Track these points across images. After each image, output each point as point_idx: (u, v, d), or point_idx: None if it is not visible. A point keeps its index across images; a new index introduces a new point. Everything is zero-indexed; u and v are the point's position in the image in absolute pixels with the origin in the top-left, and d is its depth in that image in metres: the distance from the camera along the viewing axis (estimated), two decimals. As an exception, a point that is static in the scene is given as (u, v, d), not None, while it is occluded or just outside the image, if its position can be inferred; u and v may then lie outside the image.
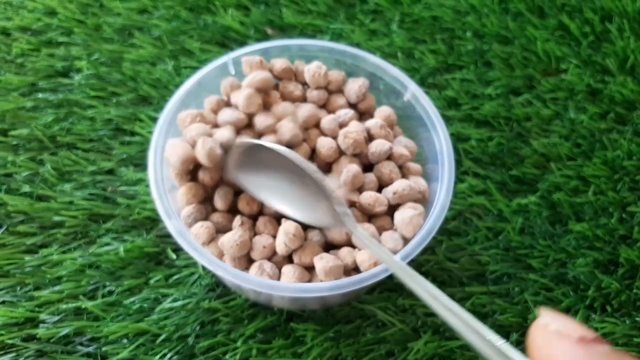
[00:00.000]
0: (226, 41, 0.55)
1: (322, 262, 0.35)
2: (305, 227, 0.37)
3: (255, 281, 0.34)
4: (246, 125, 0.40)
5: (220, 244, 0.35)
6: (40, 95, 0.51)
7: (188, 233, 0.35)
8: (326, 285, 0.34)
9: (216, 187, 0.38)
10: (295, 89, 0.42)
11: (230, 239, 0.35)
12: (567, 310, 0.42)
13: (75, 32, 0.55)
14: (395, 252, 0.36)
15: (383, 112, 0.42)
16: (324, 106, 0.43)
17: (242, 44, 0.55)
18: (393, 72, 0.43)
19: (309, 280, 0.36)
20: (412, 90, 0.43)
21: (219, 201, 0.38)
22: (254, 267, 0.35)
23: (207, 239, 0.36)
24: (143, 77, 0.52)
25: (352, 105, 0.43)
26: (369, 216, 0.38)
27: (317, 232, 0.38)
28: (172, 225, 0.35)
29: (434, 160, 0.41)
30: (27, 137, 0.49)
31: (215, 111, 0.41)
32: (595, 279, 0.43)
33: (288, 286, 0.34)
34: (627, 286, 0.43)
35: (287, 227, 0.35)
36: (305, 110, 0.40)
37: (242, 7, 0.58)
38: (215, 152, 0.36)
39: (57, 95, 0.51)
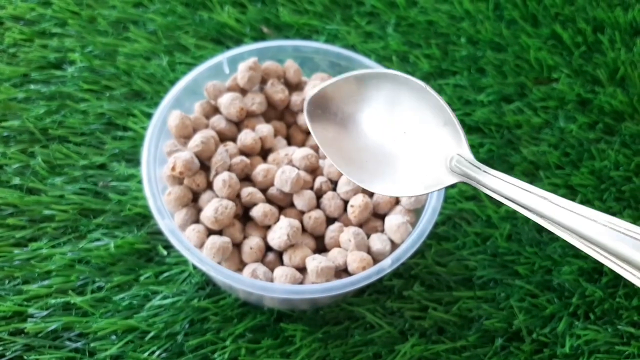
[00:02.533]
0: (222, 38, 0.55)
1: (314, 262, 0.35)
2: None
3: (247, 282, 0.34)
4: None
5: (204, 248, 0.35)
6: (32, 86, 0.51)
7: (180, 233, 0.36)
8: (318, 287, 0.34)
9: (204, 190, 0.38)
10: (281, 92, 0.42)
11: (209, 242, 0.35)
12: (551, 317, 0.43)
13: (70, 24, 0.54)
14: (384, 254, 0.36)
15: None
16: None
17: (237, 41, 0.55)
18: None
19: (302, 282, 0.36)
20: None
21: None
22: (247, 271, 0.35)
23: (197, 242, 0.36)
24: (137, 71, 0.52)
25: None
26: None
27: (306, 234, 0.38)
28: (165, 225, 0.35)
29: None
30: (18, 128, 0.48)
31: (206, 115, 0.42)
32: (580, 287, 0.44)
33: (279, 288, 0.34)
34: (610, 295, 0.43)
35: (292, 220, 0.36)
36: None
37: (239, 4, 0.58)
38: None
39: (50, 87, 0.51)
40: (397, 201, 0.39)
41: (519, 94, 0.54)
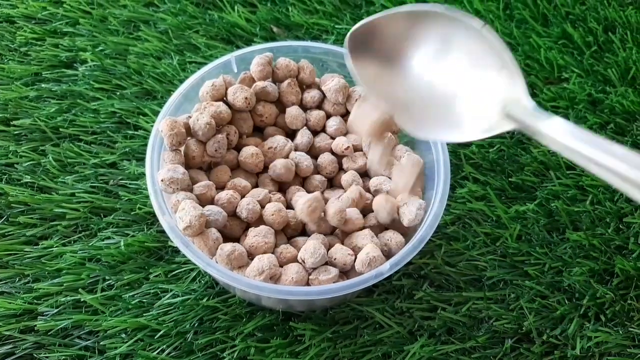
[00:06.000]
0: (232, 38, 0.55)
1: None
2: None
3: (244, 282, 0.34)
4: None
5: (218, 255, 0.36)
6: (43, 85, 0.51)
7: (180, 231, 0.36)
8: (314, 289, 0.34)
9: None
10: (295, 95, 0.43)
11: (224, 250, 0.35)
12: (562, 319, 0.42)
13: (81, 23, 0.55)
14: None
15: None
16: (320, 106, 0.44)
17: (247, 41, 0.55)
18: None
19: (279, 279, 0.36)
20: None
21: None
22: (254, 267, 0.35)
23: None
24: (148, 70, 0.52)
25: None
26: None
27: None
28: (165, 221, 0.36)
29: (430, 166, 0.41)
30: (29, 127, 0.49)
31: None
32: (590, 288, 0.43)
33: (274, 288, 0.34)
34: (621, 296, 0.43)
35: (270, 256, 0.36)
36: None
37: (249, 3, 0.58)
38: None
39: (61, 86, 0.51)
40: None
41: (530, 94, 0.54)
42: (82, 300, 0.41)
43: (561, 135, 0.24)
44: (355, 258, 0.36)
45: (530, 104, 0.26)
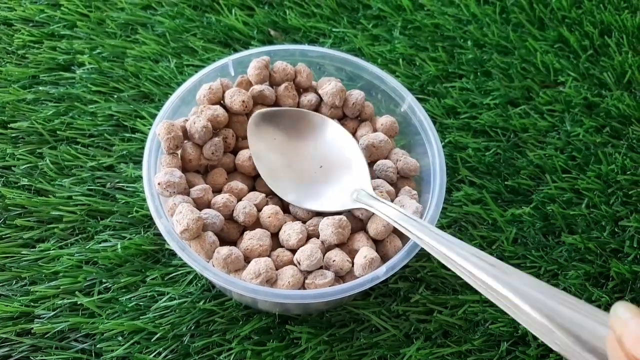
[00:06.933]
0: (229, 41, 0.55)
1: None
2: None
3: (240, 285, 0.34)
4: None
5: (214, 258, 0.36)
6: (41, 88, 0.51)
7: (177, 234, 0.36)
8: (310, 293, 0.34)
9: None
10: (292, 98, 0.43)
11: (221, 253, 0.35)
12: (557, 322, 0.42)
13: (79, 26, 0.55)
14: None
15: (386, 123, 0.43)
16: (317, 110, 0.44)
17: (245, 44, 0.55)
18: (391, 82, 0.44)
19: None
20: (409, 102, 0.43)
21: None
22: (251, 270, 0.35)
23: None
24: (145, 73, 0.52)
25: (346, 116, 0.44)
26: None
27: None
28: (162, 224, 0.36)
29: (427, 169, 0.41)
30: (26, 129, 0.49)
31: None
32: (586, 292, 0.43)
33: (270, 292, 0.34)
34: (617, 299, 0.43)
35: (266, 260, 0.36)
36: None
37: (247, 7, 0.58)
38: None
39: (58, 89, 0.51)
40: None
41: (526, 98, 0.54)
42: (78, 303, 0.41)
43: (387, 213, 0.35)
44: (353, 263, 0.36)
45: (371, 192, 0.37)
